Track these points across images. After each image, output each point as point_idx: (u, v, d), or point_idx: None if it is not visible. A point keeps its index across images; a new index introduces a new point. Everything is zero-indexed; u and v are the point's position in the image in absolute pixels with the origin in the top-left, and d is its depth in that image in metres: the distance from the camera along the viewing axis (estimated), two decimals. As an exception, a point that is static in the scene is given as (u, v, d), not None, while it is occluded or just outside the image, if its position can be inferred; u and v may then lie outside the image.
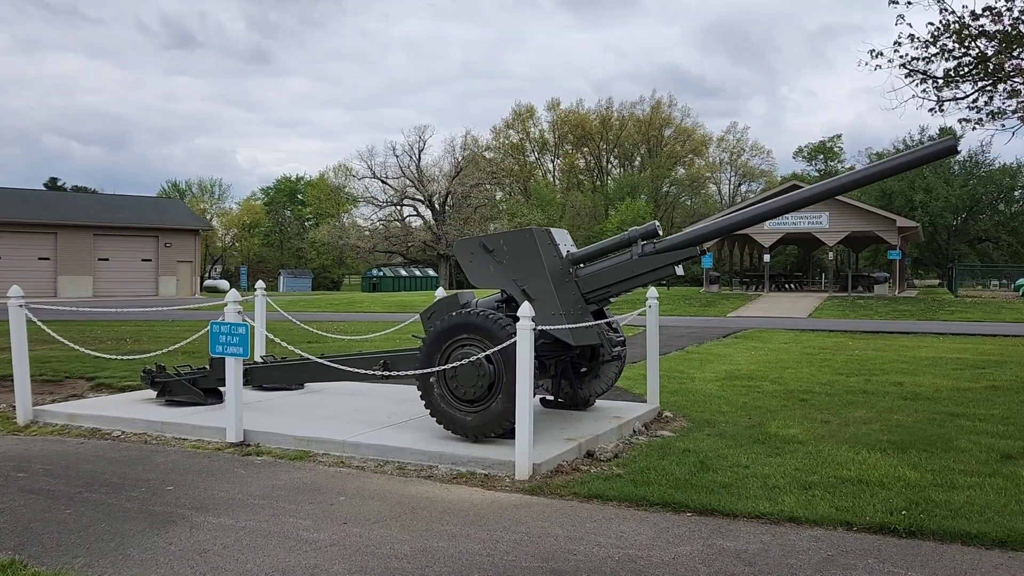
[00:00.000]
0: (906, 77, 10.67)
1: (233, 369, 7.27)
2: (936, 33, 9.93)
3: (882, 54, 10.52)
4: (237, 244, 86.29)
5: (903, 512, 5.15)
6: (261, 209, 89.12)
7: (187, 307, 12.75)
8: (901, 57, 10.48)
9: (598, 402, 8.69)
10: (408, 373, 7.16)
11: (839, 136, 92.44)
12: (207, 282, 61.51)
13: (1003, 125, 12.11)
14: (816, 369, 12.96)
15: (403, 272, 65.06)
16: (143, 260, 48.25)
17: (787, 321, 25.46)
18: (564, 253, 7.50)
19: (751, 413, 8.92)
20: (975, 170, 68.33)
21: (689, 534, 4.91)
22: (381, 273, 63.32)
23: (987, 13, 9.35)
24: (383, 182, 73.84)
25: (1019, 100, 10.38)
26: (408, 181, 73.25)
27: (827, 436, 7.68)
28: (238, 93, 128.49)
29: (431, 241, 71.37)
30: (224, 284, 63.63)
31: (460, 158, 74.11)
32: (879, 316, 28.09)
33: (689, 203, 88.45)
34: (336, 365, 7.69)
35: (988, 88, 10.87)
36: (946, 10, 9.74)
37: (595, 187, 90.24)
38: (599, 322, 7.53)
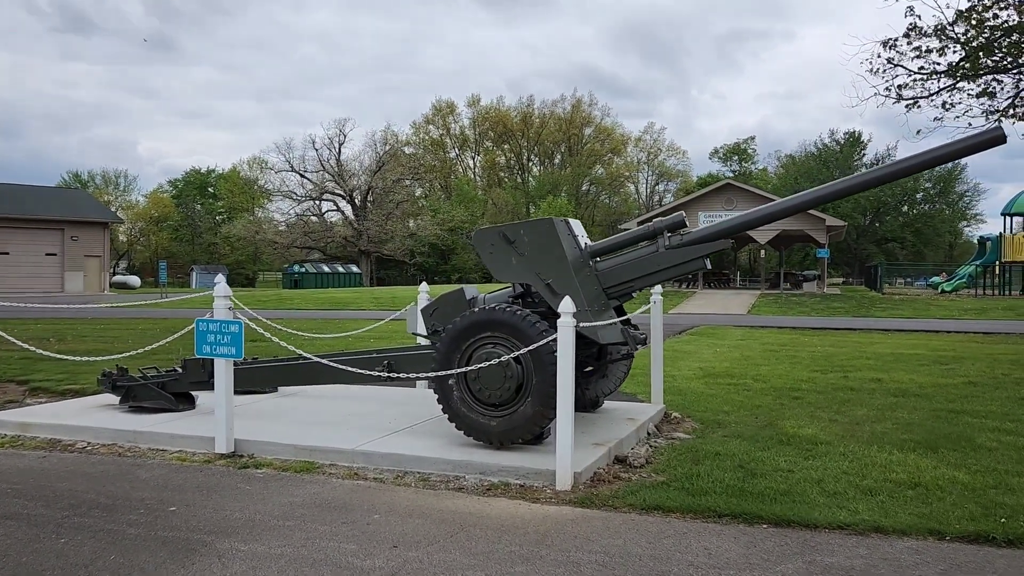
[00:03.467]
0: (888, 70, 10.62)
1: (224, 371, 6.51)
2: (943, 25, 9.90)
3: (895, 46, 10.44)
4: (143, 239, 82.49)
5: (1001, 520, 4.87)
6: (170, 202, 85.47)
7: (113, 304, 11.65)
8: (915, 50, 10.43)
9: (604, 403, 8.24)
10: (425, 376, 6.55)
11: (753, 138, 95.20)
12: (115, 278, 58.50)
13: (970, 123, 12.23)
14: (788, 366, 12.85)
15: (326, 268, 63.36)
16: (47, 254, 45.49)
17: (730, 318, 25.64)
18: (582, 245, 7.02)
19: (754, 412, 8.64)
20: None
21: (780, 550, 4.50)
22: (303, 269, 61.49)
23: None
24: (301, 176, 71.91)
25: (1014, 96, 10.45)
26: (328, 175, 71.51)
27: (846, 436, 7.44)
28: (139, 81, 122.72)
29: (351, 237, 69.81)
30: (134, 280, 60.83)
31: (381, 153, 72.73)
32: (815, 313, 28.64)
33: (608, 202, 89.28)
34: (338, 365, 7.01)
35: (963, 77, 10.90)
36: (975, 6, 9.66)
37: (516, 184, 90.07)
38: (623, 318, 7.08)
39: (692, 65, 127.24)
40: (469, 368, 6.22)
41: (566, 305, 5.68)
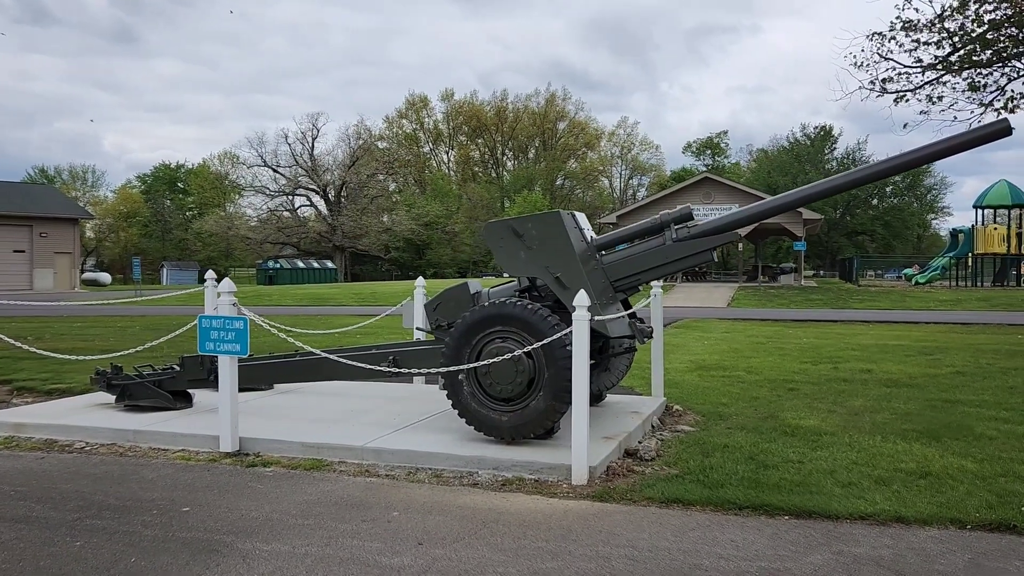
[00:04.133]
0: (874, 63, 10.70)
1: (228, 369, 6.40)
2: (941, 16, 9.96)
3: (894, 38, 10.50)
4: (113, 235, 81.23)
5: (1022, 507, 4.91)
6: (139, 197, 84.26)
7: (88, 302, 11.47)
8: (914, 42, 10.49)
9: (607, 396, 8.22)
10: (432, 371, 6.49)
11: (725, 132, 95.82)
12: (85, 275, 57.57)
13: (955, 116, 12.35)
14: (778, 358, 12.93)
15: (301, 264, 62.76)
16: (15, 251, 44.64)
17: (712, 311, 25.79)
18: (588, 238, 6.98)
19: (753, 404, 8.67)
20: (852, 168, 72.01)
21: (805, 541, 4.51)
22: (278, 265, 60.84)
23: None
24: (274, 171, 71.22)
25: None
26: (301, 170, 70.89)
27: (848, 427, 7.48)
28: (102, 74, 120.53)
29: (325, 232, 69.26)
30: (105, 277, 59.91)
31: (355, 147, 72.19)
32: (795, 305, 28.89)
33: (583, 196, 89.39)
34: (345, 361, 6.91)
35: (948, 71, 11.00)
36: None
37: (491, 179, 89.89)
38: (630, 311, 7.07)
39: (661, 59, 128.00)
40: (480, 363, 6.17)
41: (581, 299, 5.64)
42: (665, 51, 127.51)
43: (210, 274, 10.03)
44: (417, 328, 8.03)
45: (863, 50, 11.15)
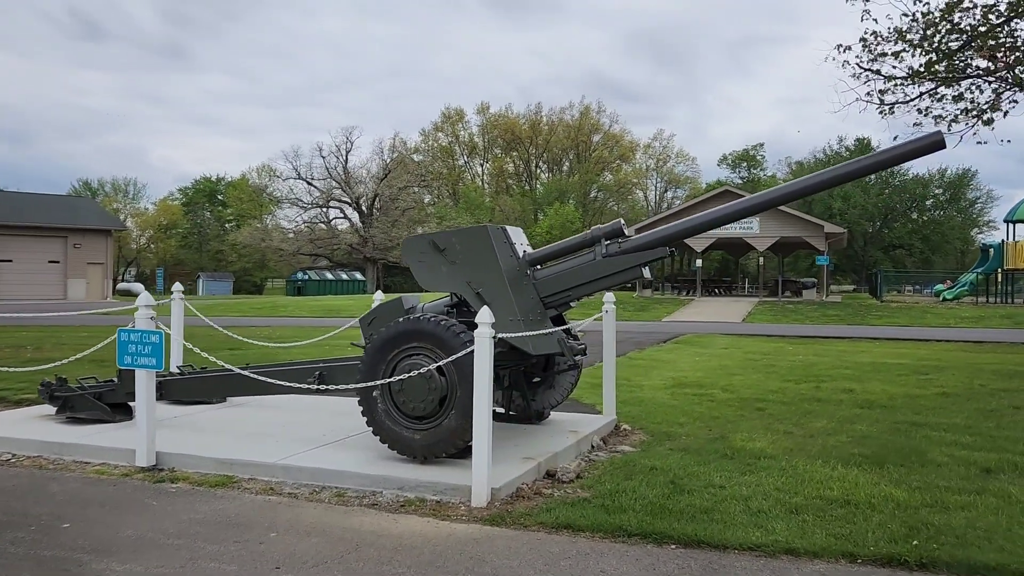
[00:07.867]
0: (868, 74, 10.41)
1: (144, 382, 6.37)
2: (902, 29, 9.67)
3: (850, 48, 10.24)
4: (152, 246, 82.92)
5: (914, 542, 4.65)
6: (179, 209, 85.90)
7: (95, 312, 11.55)
8: (870, 53, 10.21)
9: (552, 414, 8.05)
10: (347, 387, 6.38)
11: (762, 145, 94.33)
12: (120, 285, 58.73)
13: (950, 127, 11.98)
14: (763, 376, 12.62)
15: (329, 275, 63.35)
16: (50, 262, 45.61)
17: (723, 326, 25.36)
18: (521, 253, 6.84)
19: (710, 424, 8.43)
20: (890, 179, 70.50)
21: (679, 573, 4.31)
22: (307, 276, 61.51)
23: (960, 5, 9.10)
24: (308, 183, 72.03)
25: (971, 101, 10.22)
26: (334, 183, 71.65)
27: (796, 449, 7.22)
28: (151, 88, 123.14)
29: (358, 244, 69.83)
30: (139, 287, 60.98)
31: (388, 160, 72.79)
32: (810, 321, 28.29)
33: (616, 208, 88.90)
34: (263, 378, 6.85)
35: (947, 84, 10.67)
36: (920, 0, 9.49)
37: (524, 192, 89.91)
38: (558, 329, 6.89)
39: (704, 70, 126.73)
40: (392, 379, 6.05)
41: (483, 315, 5.50)
42: (708, 62, 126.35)
43: (177, 286, 10.05)
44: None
45: (858, 57, 10.89)
